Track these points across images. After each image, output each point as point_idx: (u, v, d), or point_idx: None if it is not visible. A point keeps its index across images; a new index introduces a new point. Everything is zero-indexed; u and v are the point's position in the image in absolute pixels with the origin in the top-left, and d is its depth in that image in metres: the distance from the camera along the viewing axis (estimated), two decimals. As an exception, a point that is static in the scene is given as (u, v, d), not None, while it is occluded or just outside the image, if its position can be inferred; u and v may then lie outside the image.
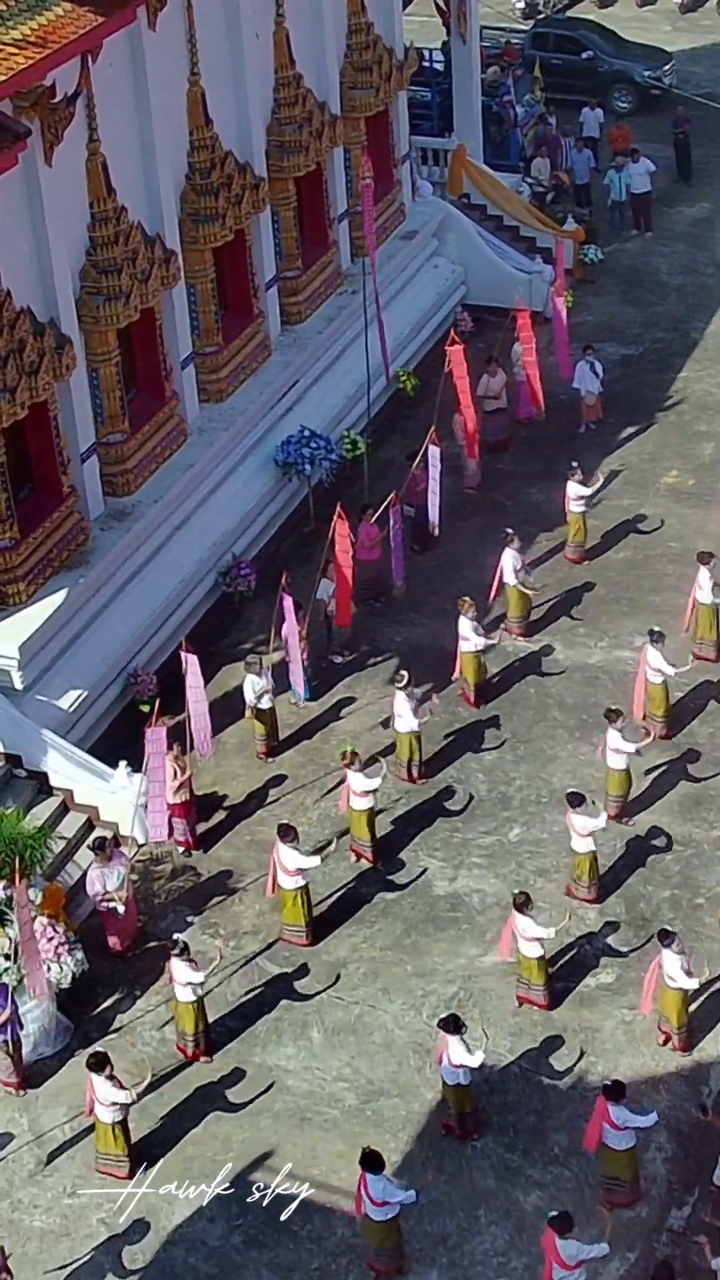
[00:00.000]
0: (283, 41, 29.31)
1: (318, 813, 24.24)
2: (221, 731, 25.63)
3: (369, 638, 27.39)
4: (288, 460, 28.93)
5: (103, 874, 21.70)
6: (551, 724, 25.64)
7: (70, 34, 21.85)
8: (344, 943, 22.40)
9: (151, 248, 26.00)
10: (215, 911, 22.96)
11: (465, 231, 35.39)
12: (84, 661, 24.89)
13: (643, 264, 37.96)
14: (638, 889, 22.91)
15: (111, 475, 26.28)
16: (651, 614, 27.53)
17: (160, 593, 26.40)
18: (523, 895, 20.85)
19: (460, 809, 24.26)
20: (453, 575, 28.57)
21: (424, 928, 22.56)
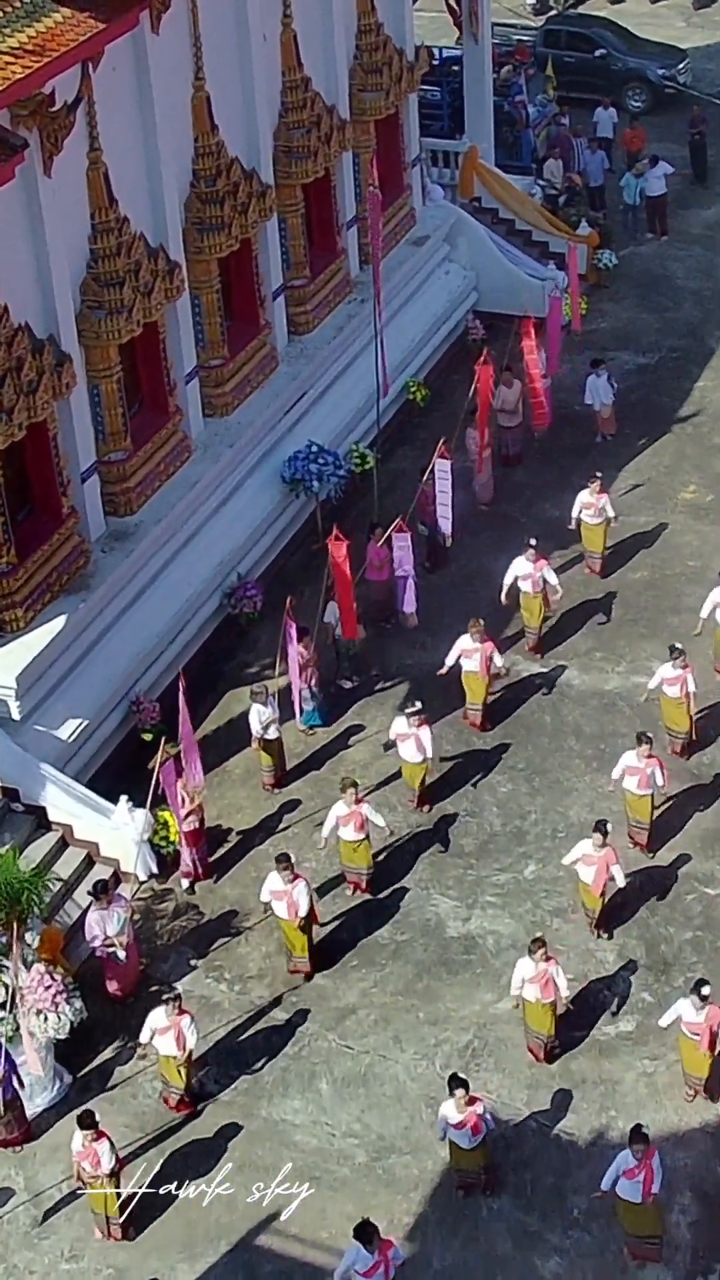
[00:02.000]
0: (290, 43, 28.39)
1: (326, 849, 23.33)
2: (227, 760, 24.84)
3: (379, 661, 26.53)
4: (294, 476, 28.06)
5: (102, 918, 20.87)
6: (568, 754, 24.77)
7: (69, 41, 20.94)
8: (354, 987, 21.55)
9: (155, 259, 25.11)
10: (220, 953, 22.13)
11: (477, 236, 34.52)
12: (84, 689, 24.04)
13: (658, 268, 37.05)
14: (658, 930, 22.05)
15: (113, 494, 25.41)
16: (670, 636, 26.60)
17: (163, 615, 25.55)
18: (539, 941, 19.94)
19: (473, 844, 23.39)
20: (465, 593, 27.70)
21: (436, 971, 21.71)
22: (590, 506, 27.42)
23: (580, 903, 21.80)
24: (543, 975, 19.82)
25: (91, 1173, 18.28)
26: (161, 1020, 19.41)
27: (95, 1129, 18.21)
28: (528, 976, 19.79)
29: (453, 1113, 18.42)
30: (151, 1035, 19.56)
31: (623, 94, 42.85)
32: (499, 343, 33.15)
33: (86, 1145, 18.17)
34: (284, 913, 21.03)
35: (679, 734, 24.16)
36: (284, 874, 20.85)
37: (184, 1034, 19.49)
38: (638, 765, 22.39)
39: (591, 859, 21.17)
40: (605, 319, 35.18)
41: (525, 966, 19.82)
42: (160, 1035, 19.48)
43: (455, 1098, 18.39)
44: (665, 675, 23.82)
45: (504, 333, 33.16)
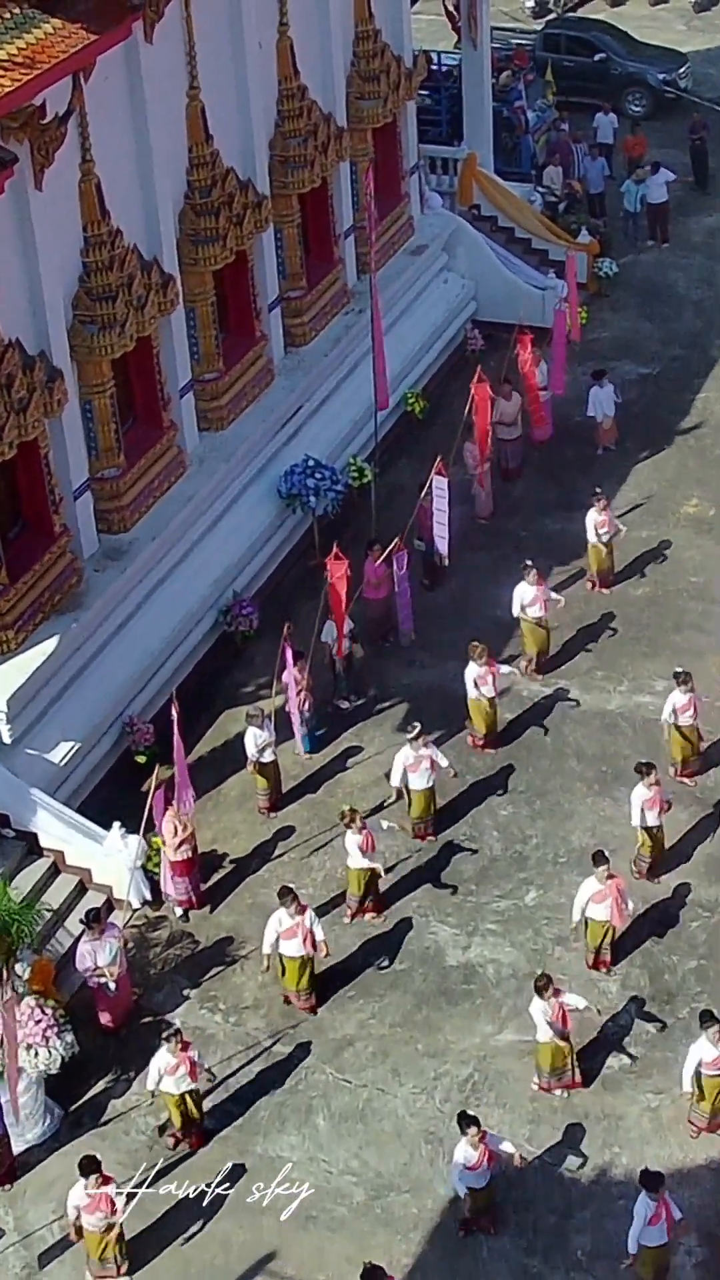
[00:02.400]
0: (286, 51, 27.93)
1: (323, 873, 22.95)
2: (222, 783, 24.38)
3: (377, 681, 26.07)
4: (291, 491, 27.60)
5: (94, 948, 20.41)
6: (569, 776, 24.32)
7: (60, 53, 20.48)
8: (351, 1018, 21.10)
9: (148, 272, 24.65)
10: (215, 982, 21.66)
11: (476, 245, 34.06)
12: (77, 711, 23.59)
13: (659, 276, 36.59)
14: (661, 959, 21.60)
15: (106, 512, 24.95)
16: (673, 654, 26.24)
17: (158, 634, 25.10)
18: (544, 978, 19.48)
19: (473, 870, 22.93)
20: (464, 612, 27.27)
21: (436, 1001, 21.25)
22: (604, 524, 26.96)
23: (586, 944, 21.26)
24: (558, 1010, 19.38)
25: (102, 1220, 17.66)
26: (168, 1059, 18.91)
27: (100, 1173, 17.67)
28: (548, 1018, 19.32)
29: (470, 1154, 17.89)
30: (160, 1078, 19.02)
31: (623, 99, 42.39)
32: (498, 353, 32.75)
33: (94, 1193, 17.58)
34: (296, 949, 20.45)
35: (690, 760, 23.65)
36: (290, 908, 20.36)
37: (197, 1065, 19.02)
38: (650, 795, 21.90)
39: (602, 894, 20.67)
40: (605, 328, 34.72)
41: (540, 1008, 19.33)
42: (169, 1075, 18.96)
43: (468, 1136, 17.90)
44: (678, 703, 23.27)
45: (503, 342, 32.71)
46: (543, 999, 19.34)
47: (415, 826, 23.24)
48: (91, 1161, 17.75)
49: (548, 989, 19.35)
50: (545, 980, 19.39)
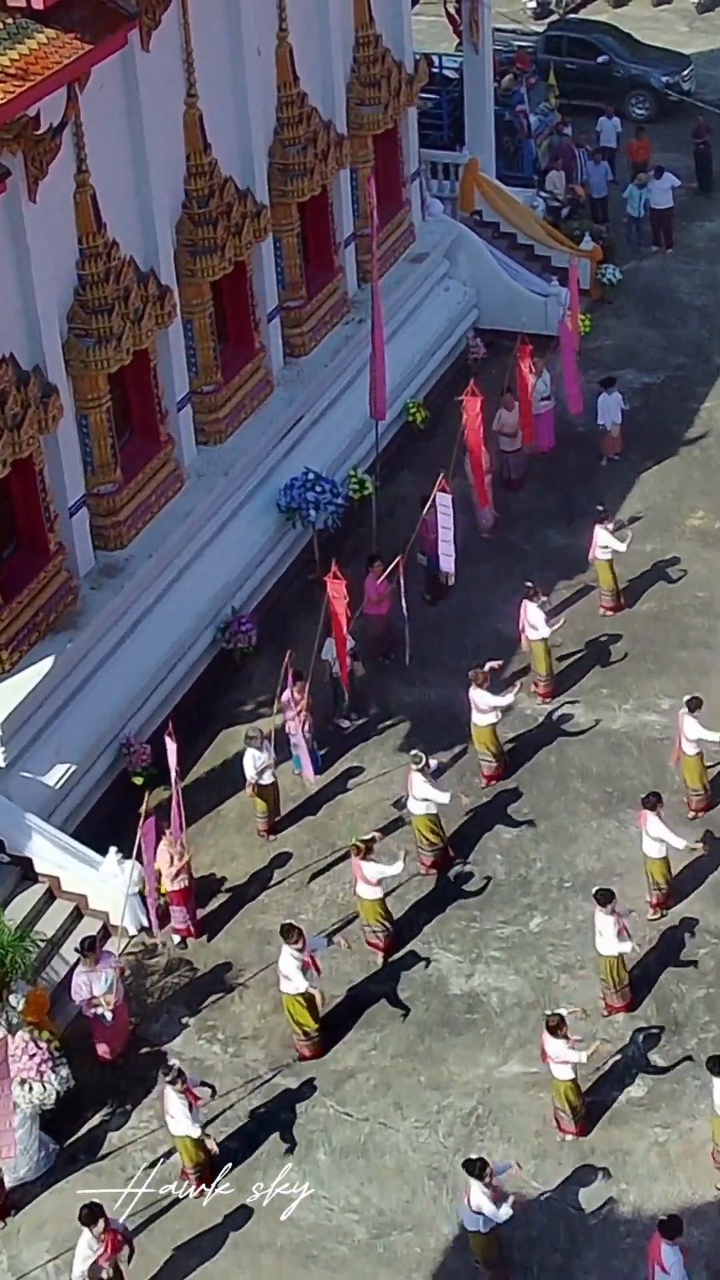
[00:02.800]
0: (286, 57, 27.46)
1: (324, 898, 22.52)
2: (221, 804, 23.95)
3: (378, 699, 25.63)
4: (291, 505, 27.15)
5: (90, 978, 19.98)
6: (574, 797, 23.88)
7: (54, 64, 20.02)
8: (352, 1049, 20.66)
9: (145, 284, 24.21)
10: (213, 1011, 21.23)
11: (478, 252, 33.58)
12: (73, 732, 23.15)
13: (662, 283, 36.11)
14: (670, 988, 21.15)
15: (102, 528, 24.51)
16: (679, 672, 25.82)
17: (155, 653, 24.66)
18: (556, 1018, 19.01)
19: (476, 894, 22.49)
20: (467, 627, 26.85)
21: (439, 1032, 20.81)
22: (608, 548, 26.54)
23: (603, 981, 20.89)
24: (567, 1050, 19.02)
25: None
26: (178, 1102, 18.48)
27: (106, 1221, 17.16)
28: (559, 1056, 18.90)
29: (487, 1202, 17.40)
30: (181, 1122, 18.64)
31: (625, 102, 41.84)
32: (500, 361, 32.35)
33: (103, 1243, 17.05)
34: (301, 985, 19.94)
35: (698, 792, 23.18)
36: (295, 946, 19.88)
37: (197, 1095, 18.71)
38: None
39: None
40: (608, 336, 34.26)
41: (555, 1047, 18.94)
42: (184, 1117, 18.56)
43: (483, 1184, 17.40)
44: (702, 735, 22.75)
45: (506, 350, 32.30)
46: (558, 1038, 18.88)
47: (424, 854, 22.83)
48: (93, 1211, 17.23)
49: (561, 1028, 18.89)
50: (558, 1020, 18.93)
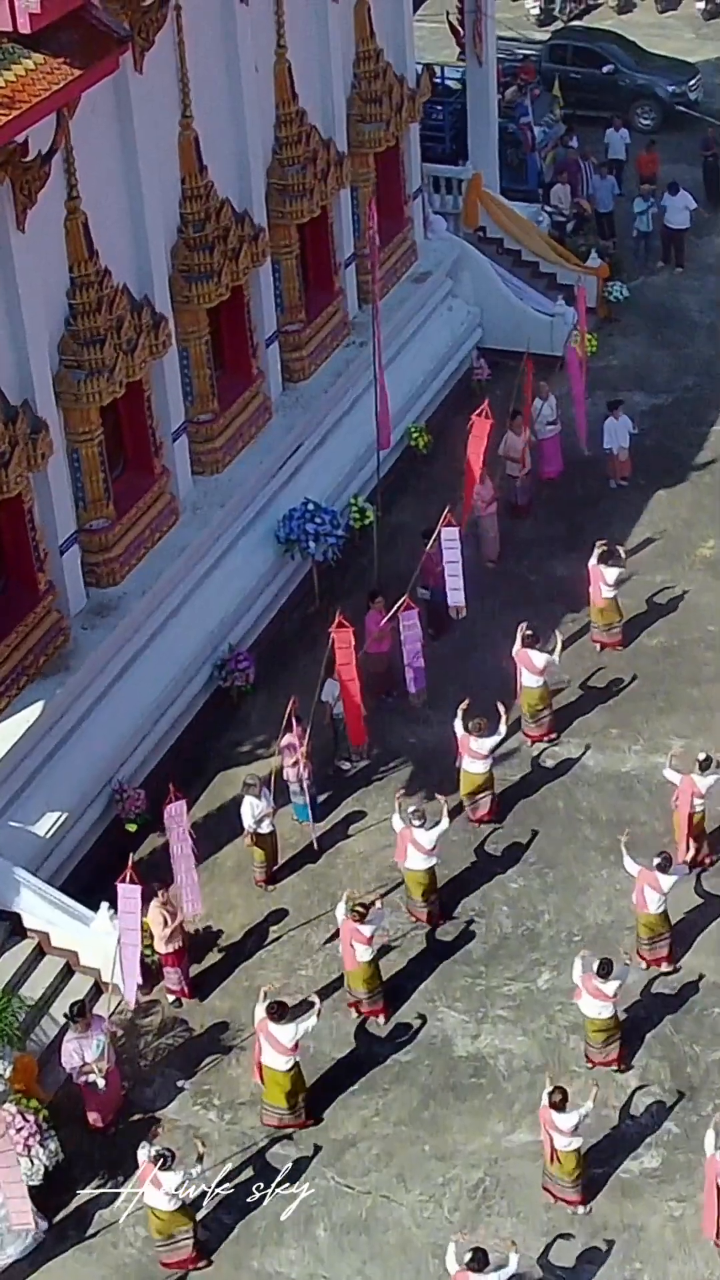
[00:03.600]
0: (284, 74, 26.61)
1: (324, 953, 21.70)
2: (218, 852, 23.11)
3: (380, 739, 24.78)
4: (290, 537, 26.31)
5: (81, 1044, 19.17)
6: (582, 845, 23.07)
7: (43, 90, 19.16)
8: (354, 1116, 19.85)
9: (139, 313, 23.37)
10: (209, 1075, 20.41)
11: (481, 270, 32.73)
12: (63, 779, 22.34)
13: (670, 300, 35.27)
14: (683, 1049, 20.35)
15: (94, 565, 23.68)
16: (690, 710, 25.04)
17: (149, 694, 23.83)
18: (559, 1093, 18.19)
19: (482, 949, 21.68)
20: (471, 662, 26.03)
21: (443, 1097, 20.00)
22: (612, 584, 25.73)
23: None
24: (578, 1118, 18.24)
25: None
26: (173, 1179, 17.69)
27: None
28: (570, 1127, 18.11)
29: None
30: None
31: (631, 112, 41.02)
32: (504, 381, 31.50)
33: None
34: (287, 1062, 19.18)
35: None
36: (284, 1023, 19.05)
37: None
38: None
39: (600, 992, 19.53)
40: (615, 355, 33.44)
41: (566, 1120, 18.14)
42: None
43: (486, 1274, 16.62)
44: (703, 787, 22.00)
45: (510, 371, 31.45)
46: (564, 1114, 18.09)
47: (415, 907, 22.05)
48: None
49: (566, 1103, 18.11)
50: (562, 1095, 18.12)
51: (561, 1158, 18.30)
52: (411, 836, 21.59)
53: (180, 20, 23.54)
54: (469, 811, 23.30)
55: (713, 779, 21.95)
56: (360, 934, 20.23)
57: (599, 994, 19.56)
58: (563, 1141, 18.27)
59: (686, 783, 21.90)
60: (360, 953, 20.33)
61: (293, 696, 22.78)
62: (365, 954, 20.36)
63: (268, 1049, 19.26)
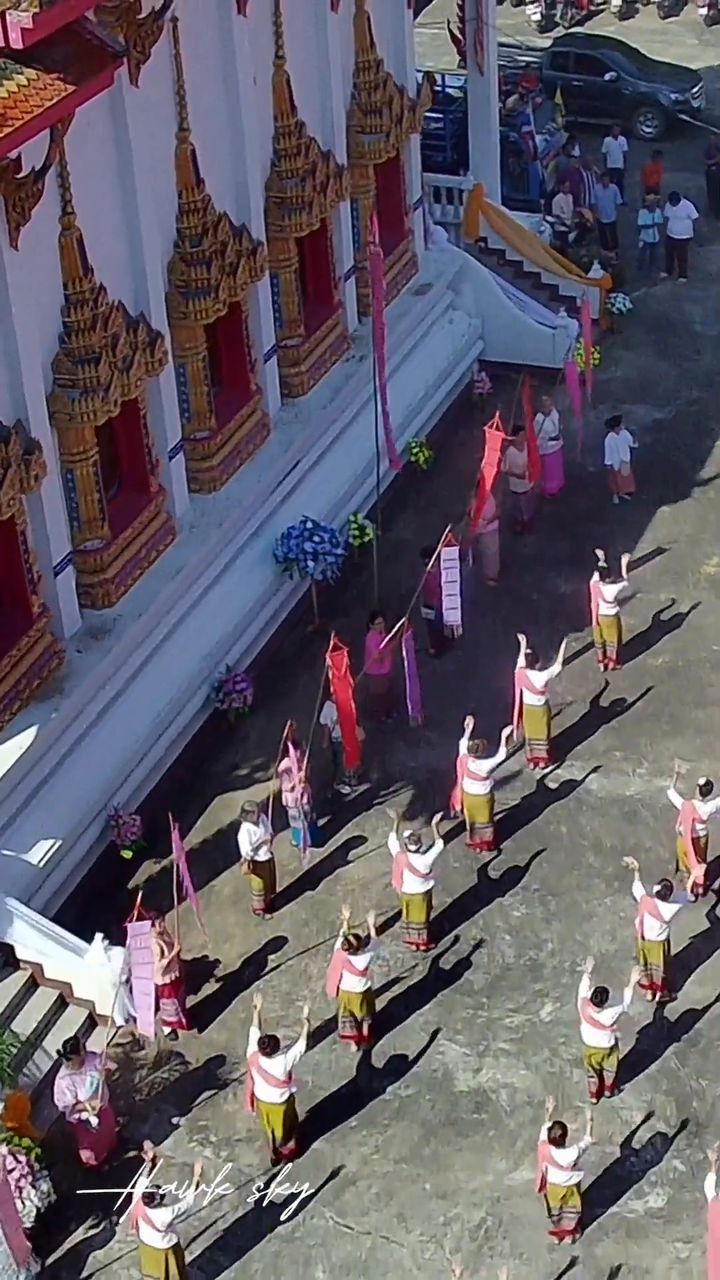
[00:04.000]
0: (282, 86, 26.18)
1: (323, 984, 21.22)
2: (215, 879, 22.71)
3: (379, 762, 24.41)
4: (288, 556, 25.90)
5: (74, 1081, 18.76)
6: (586, 872, 22.66)
7: (34, 107, 18.74)
8: (353, 1152, 19.44)
9: (134, 330, 22.96)
10: (205, 1110, 20.02)
11: (483, 282, 32.30)
12: (58, 805, 21.93)
13: (674, 311, 34.85)
14: (688, 1083, 19.95)
15: (89, 586, 23.27)
16: (695, 733, 24.64)
17: (145, 717, 23.42)
18: (559, 1128, 17.80)
19: (484, 980, 21.27)
20: (471, 682, 25.61)
21: (445, 1133, 19.60)
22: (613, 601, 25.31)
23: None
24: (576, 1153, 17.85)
25: None
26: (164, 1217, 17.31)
27: None
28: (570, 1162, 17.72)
29: None
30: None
31: (634, 119, 40.62)
32: (505, 395, 31.09)
33: None
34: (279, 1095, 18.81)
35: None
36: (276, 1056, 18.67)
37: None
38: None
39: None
40: (618, 367, 33.00)
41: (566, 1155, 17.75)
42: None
43: None
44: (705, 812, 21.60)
45: (511, 384, 31.06)
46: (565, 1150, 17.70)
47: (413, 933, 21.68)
48: None
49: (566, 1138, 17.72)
50: (561, 1131, 17.73)
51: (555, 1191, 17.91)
52: (407, 861, 21.24)
53: (176, 32, 23.12)
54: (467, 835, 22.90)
55: (714, 805, 21.54)
56: (353, 965, 19.83)
57: (595, 1022, 19.18)
58: (561, 1176, 17.89)
59: (688, 808, 21.50)
60: (350, 983, 19.91)
61: (289, 720, 22.37)
62: (357, 984, 19.93)
63: (260, 1082, 18.87)
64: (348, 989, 19.99)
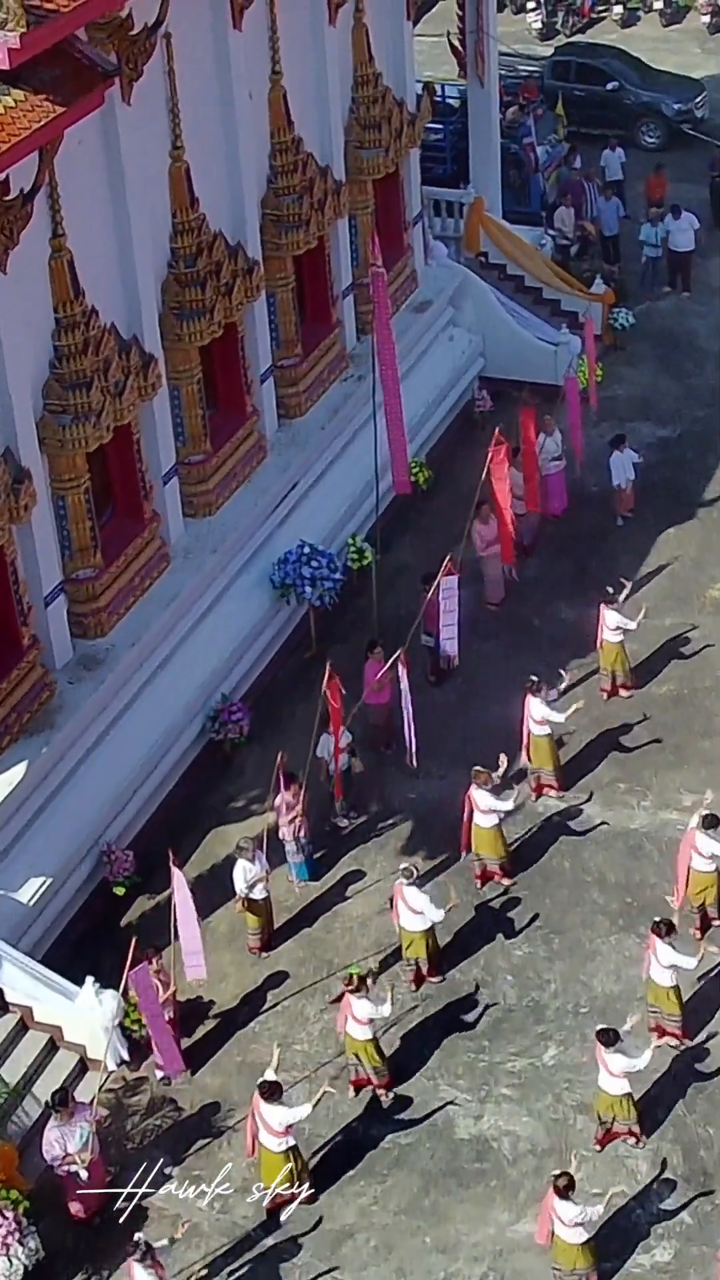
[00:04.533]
0: (279, 101, 25.65)
1: (320, 1025, 20.76)
2: (210, 916, 22.10)
3: (378, 794, 23.88)
4: (285, 581, 25.36)
5: (63, 1133, 18.21)
6: (590, 909, 22.11)
7: (23, 129, 18.25)
8: (351, 1203, 18.89)
9: (127, 354, 22.44)
10: (199, 1159, 19.45)
11: (483, 298, 31.75)
12: (48, 842, 21.42)
13: (677, 326, 34.31)
14: (695, 1130, 19.39)
15: (81, 616, 22.75)
16: (701, 764, 24.09)
17: (138, 749, 22.90)
18: (565, 1178, 17.27)
19: (485, 1022, 20.72)
20: (472, 711, 25.12)
21: (445, 1184, 19.05)
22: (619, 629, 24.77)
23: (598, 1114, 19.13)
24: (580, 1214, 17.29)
25: None
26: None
27: None
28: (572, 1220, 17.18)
29: None
30: None
31: (636, 130, 40.10)
32: (507, 413, 30.66)
33: None
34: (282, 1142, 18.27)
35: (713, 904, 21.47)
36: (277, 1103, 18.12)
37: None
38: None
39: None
40: (621, 384, 32.45)
41: (568, 1210, 17.19)
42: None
43: None
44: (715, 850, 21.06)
45: (512, 402, 30.62)
46: (570, 1201, 17.16)
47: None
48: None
49: (573, 1188, 17.18)
50: (568, 1181, 17.20)
51: (561, 1247, 17.37)
52: (402, 894, 20.71)
53: (170, 48, 22.60)
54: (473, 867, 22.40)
55: (715, 843, 20.95)
56: (355, 1011, 19.29)
57: (604, 1064, 18.66)
58: (562, 1231, 17.34)
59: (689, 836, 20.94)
60: (354, 1030, 19.37)
61: (280, 753, 21.84)
62: (361, 1032, 19.39)
63: (262, 1128, 18.35)
64: (350, 1034, 19.42)
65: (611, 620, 24.80)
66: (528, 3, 46.81)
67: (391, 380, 25.02)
